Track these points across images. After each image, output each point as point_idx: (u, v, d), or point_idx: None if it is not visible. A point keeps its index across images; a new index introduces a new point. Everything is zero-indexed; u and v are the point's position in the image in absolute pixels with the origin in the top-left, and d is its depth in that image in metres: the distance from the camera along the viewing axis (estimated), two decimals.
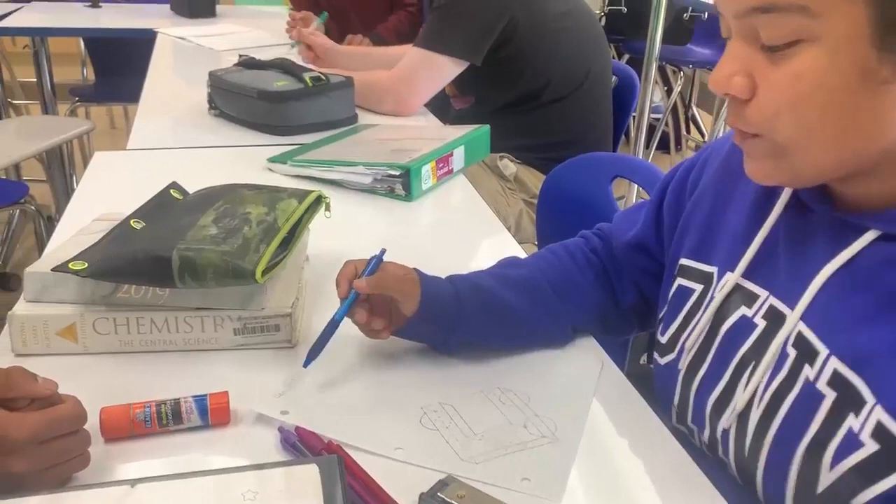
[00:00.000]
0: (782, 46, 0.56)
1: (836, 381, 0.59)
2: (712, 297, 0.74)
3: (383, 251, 0.81)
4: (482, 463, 0.67)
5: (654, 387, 0.82)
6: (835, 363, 0.60)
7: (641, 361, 1.31)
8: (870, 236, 0.61)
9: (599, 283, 0.89)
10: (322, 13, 2.22)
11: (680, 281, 0.79)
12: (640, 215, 0.89)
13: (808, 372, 0.62)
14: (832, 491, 0.59)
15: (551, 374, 0.82)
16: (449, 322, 0.80)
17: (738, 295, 0.72)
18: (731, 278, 0.72)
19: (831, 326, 0.62)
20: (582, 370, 0.83)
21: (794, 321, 0.65)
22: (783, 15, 0.55)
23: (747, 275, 0.71)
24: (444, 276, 0.84)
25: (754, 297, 0.70)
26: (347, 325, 0.88)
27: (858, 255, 0.61)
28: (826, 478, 0.59)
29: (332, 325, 0.77)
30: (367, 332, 0.80)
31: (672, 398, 0.77)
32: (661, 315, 0.82)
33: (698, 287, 0.77)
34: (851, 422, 0.58)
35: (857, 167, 0.60)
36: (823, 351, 0.61)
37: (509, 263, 0.89)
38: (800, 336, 0.64)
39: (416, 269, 0.82)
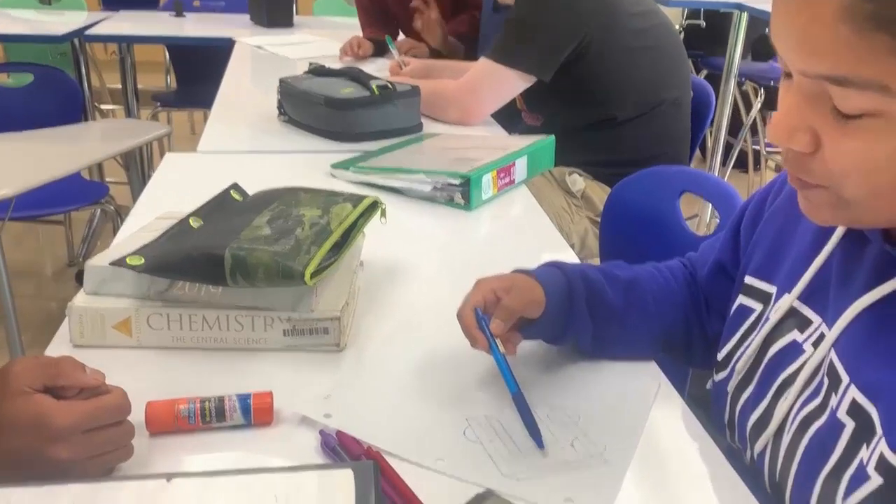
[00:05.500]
0: (854, 117, 0.53)
1: (854, 410, 0.59)
2: (767, 318, 0.73)
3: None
4: (524, 480, 0.65)
5: (710, 404, 0.80)
6: (853, 392, 0.59)
7: (708, 386, 1.26)
8: None
9: (693, 305, 0.88)
10: (387, 37, 2.26)
11: (742, 299, 0.78)
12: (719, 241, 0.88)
13: (833, 401, 0.61)
14: None
15: (605, 393, 0.79)
16: (564, 321, 0.79)
17: (793, 319, 0.70)
18: (787, 300, 0.71)
19: (856, 357, 0.60)
20: (637, 391, 0.79)
21: (825, 349, 0.64)
22: (858, 90, 0.51)
23: (804, 299, 0.70)
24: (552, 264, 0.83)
25: (808, 322, 0.68)
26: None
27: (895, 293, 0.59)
28: None
29: (521, 399, 0.72)
30: (510, 351, 0.78)
31: (724, 416, 0.76)
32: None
33: (758, 307, 0.76)
34: (863, 453, 0.57)
35: None
36: (845, 379, 0.60)
37: (615, 264, 0.88)
38: (831, 365, 0.63)
39: (519, 271, 0.80)
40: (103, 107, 3.73)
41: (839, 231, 0.67)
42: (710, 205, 2.50)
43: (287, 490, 0.58)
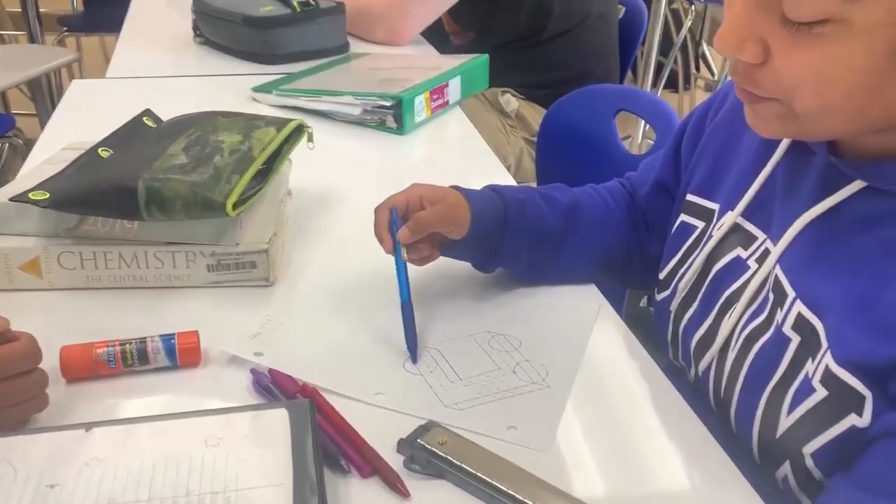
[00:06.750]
0: (808, 24, 0.50)
1: (800, 324, 0.58)
2: (710, 236, 0.72)
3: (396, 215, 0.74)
4: (466, 410, 0.63)
5: (652, 323, 0.79)
6: (799, 306, 0.59)
7: (641, 304, 1.27)
8: (855, 187, 0.57)
9: (633, 227, 0.86)
10: None
11: (683, 217, 0.77)
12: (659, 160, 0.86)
13: (778, 316, 0.61)
14: (787, 438, 0.58)
15: (546, 317, 0.77)
16: (492, 248, 0.77)
17: (737, 236, 0.69)
18: (730, 217, 0.69)
19: (802, 271, 0.60)
20: (578, 314, 0.78)
21: (771, 264, 0.63)
22: None
23: (747, 215, 0.69)
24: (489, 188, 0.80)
25: (752, 238, 0.67)
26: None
27: (842, 205, 0.58)
28: (783, 423, 0.58)
29: (408, 310, 0.70)
30: (415, 262, 0.76)
31: (666, 335, 0.76)
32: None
33: (700, 224, 0.74)
34: (808, 367, 0.57)
35: (871, 131, 0.55)
36: (791, 294, 0.60)
37: (556, 186, 0.86)
38: (776, 280, 0.62)
39: (456, 188, 0.77)
40: (3, 33, 3.46)
41: (783, 145, 0.66)
42: (643, 125, 2.52)
43: (218, 434, 0.54)
